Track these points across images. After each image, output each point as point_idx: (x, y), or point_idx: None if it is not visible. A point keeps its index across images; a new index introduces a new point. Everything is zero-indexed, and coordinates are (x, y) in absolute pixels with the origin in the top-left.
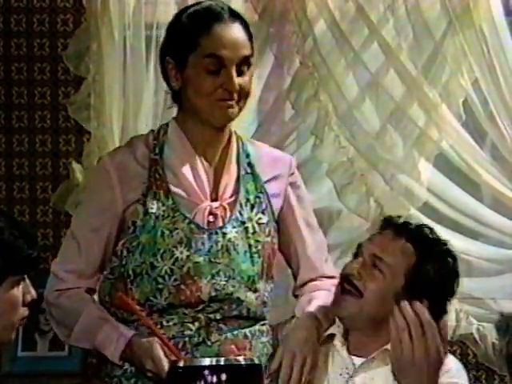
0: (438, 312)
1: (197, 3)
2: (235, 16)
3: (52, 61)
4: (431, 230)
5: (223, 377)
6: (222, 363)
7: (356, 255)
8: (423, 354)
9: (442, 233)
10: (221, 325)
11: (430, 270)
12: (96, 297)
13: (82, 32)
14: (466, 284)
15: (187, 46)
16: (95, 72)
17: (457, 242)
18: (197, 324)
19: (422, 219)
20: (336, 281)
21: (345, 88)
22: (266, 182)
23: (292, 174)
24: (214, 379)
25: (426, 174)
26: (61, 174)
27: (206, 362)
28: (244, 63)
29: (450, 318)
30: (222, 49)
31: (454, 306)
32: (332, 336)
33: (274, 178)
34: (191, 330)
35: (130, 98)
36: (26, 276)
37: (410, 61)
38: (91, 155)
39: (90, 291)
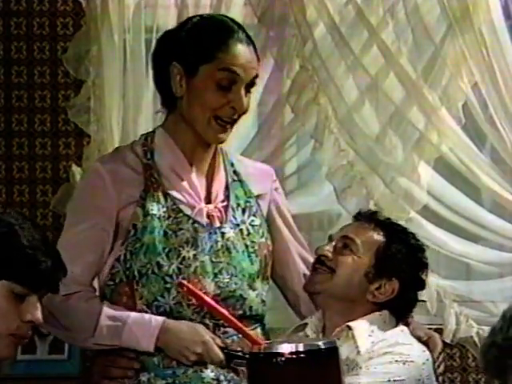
0: (412, 287)
1: (208, 15)
2: (247, 36)
3: (52, 64)
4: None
5: (302, 360)
6: (302, 349)
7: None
8: None
9: (442, 236)
10: (227, 328)
11: (399, 251)
12: None
13: (81, 35)
14: (465, 287)
15: (201, 57)
16: (95, 75)
17: (456, 245)
18: None
19: (422, 222)
20: None
21: (344, 91)
22: (253, 189)
23: (274, 180)
24: (294, 362)
25: (425, 177)
26: (61, 177)
27: (286, 347)
28: (251, 84)
29: (450, 321)
30: (238, 66)
31: (453, 309)
32: (305, 325)
33: (260, 183)
34: None
35: (129, 101)
36: (33, 293)
37: (410, 64)
38: (91, 158)
39: None
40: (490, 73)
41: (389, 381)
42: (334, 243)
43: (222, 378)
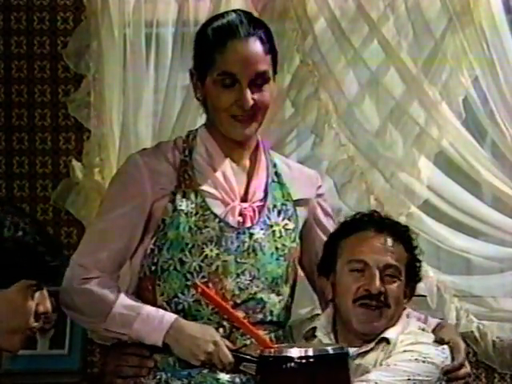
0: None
1: (221, 15)
2: (255, 28)
3: (52, 59)
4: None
5: (312, 365)
6: (311, 353)
7: (358, 269)
8: None
9: (442, 231)
10: None
11: (417, 260)
12: None
13: (81, 30)
14: (466, 282)
15: (205, 62)
16: (95, 70)
17: (457, 241)
18: (221, 330)
19: (422, 217)
20: None
21: (345, 86)
22: (293, 192)
23: (319, 186)
24: (303, 367)
25: (426, 172)
26: (61, 172)
27: (295, 352)
28: (260, 78)
29: (451, 316)
30: (234, 66)
31: (454, 304)
32: (314, 329)
33: (302, 188)
34: None
35: (129, 95)
36: (44, 287)
37: (410, 59)
38: (91, 153)
39: None
40: (490, 67)
41: (408, 379)
42: (377, 274)
43: (237, 380)
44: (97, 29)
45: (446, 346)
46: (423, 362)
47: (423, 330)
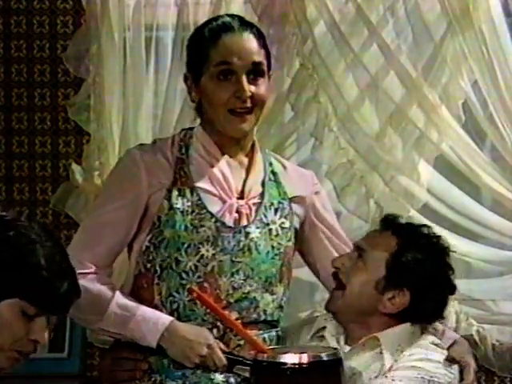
0: (425, 297)
1: (214, 18)
2: (246, 25)
3: (52, 62)
4: (426, 227)
5: (305, 371)
6: (305, 360)
7: None
8: None
9: (442, 234)
10: None
11: (410, 260)
12: None
13: (81, 33)
14: (465, 285)
15: (199, 59)
16: (95, 73)
17: (456, 244)
18: (215, 331)
19: (422, 221)
20: None
21: (344, 89)
22: (289, 191)
23: (315, 184)
24: (296, 372)
25: (425, 175)
26: (60, 175)
27: (289, 357)
28: (256, 71)
29: (450, 320)
30: (230, 56)
31: (453, 307)
32: (324, 329)
33: (298, 186)
34: None
35: (129, 99)
36: (44, 315)
37: (410, 62)
38: (91, 157)
39: None
40: (489, 71)
41: None
42: (349, 253)
43: (232, 380)
44: (97, 32)
45: (455, 366)
46: (429, 381)
47: (436, 344)
